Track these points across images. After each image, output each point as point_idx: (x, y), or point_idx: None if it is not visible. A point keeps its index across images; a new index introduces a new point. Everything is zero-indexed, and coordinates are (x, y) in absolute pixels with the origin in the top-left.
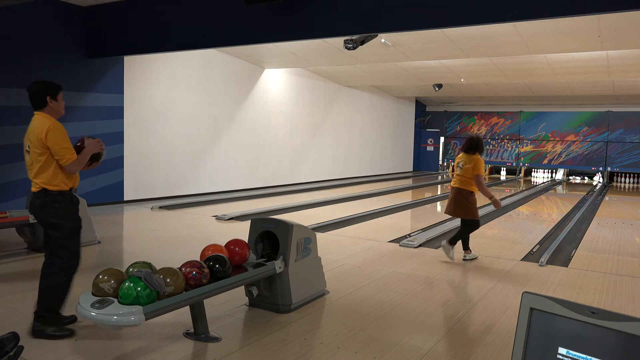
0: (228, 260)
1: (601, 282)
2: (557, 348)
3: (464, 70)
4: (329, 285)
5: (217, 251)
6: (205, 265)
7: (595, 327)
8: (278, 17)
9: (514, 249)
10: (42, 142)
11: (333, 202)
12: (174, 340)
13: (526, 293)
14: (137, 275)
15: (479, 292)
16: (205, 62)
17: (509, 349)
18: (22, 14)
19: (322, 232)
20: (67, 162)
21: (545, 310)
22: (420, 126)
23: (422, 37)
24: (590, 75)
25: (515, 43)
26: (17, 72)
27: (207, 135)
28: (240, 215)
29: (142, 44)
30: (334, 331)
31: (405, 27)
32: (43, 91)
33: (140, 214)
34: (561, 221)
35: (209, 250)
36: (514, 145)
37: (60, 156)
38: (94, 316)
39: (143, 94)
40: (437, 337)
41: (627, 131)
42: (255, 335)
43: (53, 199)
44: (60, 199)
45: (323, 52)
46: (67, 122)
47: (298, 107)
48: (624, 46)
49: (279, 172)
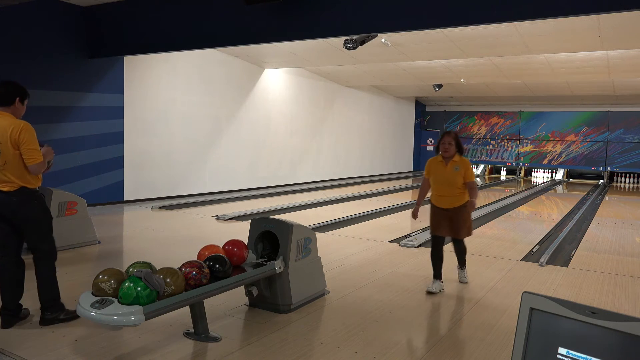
0: (228, 260)
1: (601, 282)
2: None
3: (464, 70)
4: (329, 285)
5: (214, 252)
6: (205, 265)
7: (595, 327)
8: (278, 17)
9: (514, 249)
10: (15, 140)
11: (333, 202)
12: (174, 340)
13: (526, 293)
14: (137, 275)
15: (479, 292)
16: (205, 62)
17: (509, 349)
18: (22, 14)
19: (322, 232)
20: (34, 162)
21: (545, 310)
22: (420, 126)
23: (422, 37)
24: (590, 75)
25: (515, 43)
26: (17, 72)
27: (207, 135)
28: (240, 215)
29: (142, 44)
30: (334, 331)
31: (405, 27)
32: (14, 91)
33: (140, 214)
34: (561, 221)
35: (206, 250)
36: (514, 145)
37: (29, 156)
38: (94, 316)
39: (143, 94)
40: (437, 337)
41: (627, 131)
42: (255, 335)
43: (32, 196)
44: (37, 195)
45: (323, 52)
46: (67, 122)
47: (298, 107)
48: (624, 46)
49: (279, 172)
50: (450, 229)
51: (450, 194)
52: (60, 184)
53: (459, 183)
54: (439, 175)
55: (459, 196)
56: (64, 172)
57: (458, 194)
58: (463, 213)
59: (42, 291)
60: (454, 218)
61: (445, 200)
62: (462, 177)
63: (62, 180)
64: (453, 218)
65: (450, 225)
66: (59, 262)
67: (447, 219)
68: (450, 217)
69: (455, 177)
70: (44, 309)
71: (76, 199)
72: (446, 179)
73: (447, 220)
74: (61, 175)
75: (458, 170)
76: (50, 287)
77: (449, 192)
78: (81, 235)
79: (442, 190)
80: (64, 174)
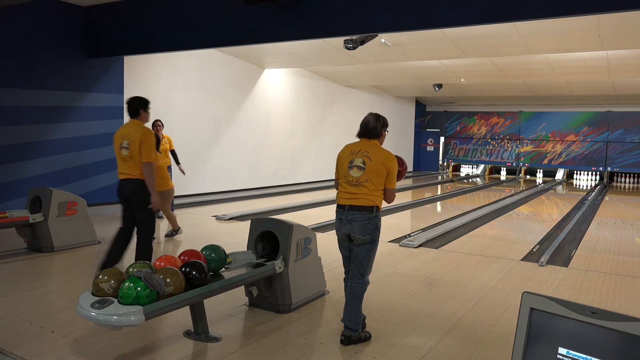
0: (206, 266)
1: (601, 282)
2: (557, 348)
3: (464, 70)
4: (329, 285)
5: (169, 263)
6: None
7: (595, 327)
8: (278, 17)
9: (514, 249)
10: (140, 142)
11: (333, 202)
12: (174, 340)
13: (526, 293)
14: (137, 275)
15: (479, 292)
16: (205, 62)
17: (509, 349)
18: (22, 13)
19: (322, 232)
20: (146, 160)
21: (545, 310)
22: (420, 126)
23: (422, 37)
24: (590, 75)
25: (515, 43)
26: (17, 72)
27: (207, 135)
28: (240, 215)
29: (142, 44)
30: (334, 331)
31: (405, 27)
32: (139, 105)
33: None
34: (561, 221)
35: (160, 261)
36: (514, 145)
37: (146, 154)
38: (94, 316)
39: (143, 94)
40: (437, 337)
41: (627, 131)
42: (255, 335)
43: (142, 184)
44: (144, 184)
45: (323, 52)
46: (67, 122)
47: (298, 107)
48: (624, 46)
49: (279, 172)
50: None
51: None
52: (60, 184)
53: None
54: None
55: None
56: (64, 172)
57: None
58: None
59: (139, 258)
60: None
61: None
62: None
63: (62, 180)
64: None
65: None
66: (59, 262)
67: None
68: None
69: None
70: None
71: (76, 199)
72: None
73: None
74: (61, 175)
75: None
76: (146, 255)
77: None
78: (81, 235)
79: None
80: (64, 174)
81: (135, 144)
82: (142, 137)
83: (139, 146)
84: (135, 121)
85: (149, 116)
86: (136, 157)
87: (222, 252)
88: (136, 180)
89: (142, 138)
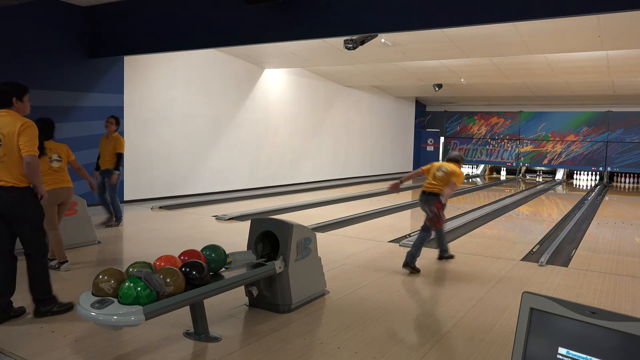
0: (206, 266)
1: (601, 282)
2: (557, 348)
3: (464, 70)
4: (329, 285)
5: (169, 263)
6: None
7: (595, 327)
8: (278, 17)
9: (514, 249)
10: (19, 135)
11: (333, 202)
12: (174, 340)
13: (526, 293)
14: (137, 275)
15: (479, 292)
16: (205, 62)
17: (509, 349)
18: (22, 13)
19: (322, 232)
20: (28, 153)
21: (545, 310)
22: (420, 126)
23: (422, 37)
24: (590, 75)
25: (515, 43)
26: (17, 72)
27: (207, 135)
28: (240, 215)
29: (143, 44)
30: (334, 331)
31: (405, 27)
32: (11, 92)
33: (140, 214)
34: (561, 221)
35: (160, 261)
36: (514, 145)
37: (26, 148)
38: (94, 316)
39: (143, 94)
40: (437, 337)
41: (627, 131)
42: (255, 335)
43: (24, 192)
44: (29, 192)
45: (323, 52)
46: (67, 122)
47: (298, 107)
48: (624, 46)
49: (279, 172)
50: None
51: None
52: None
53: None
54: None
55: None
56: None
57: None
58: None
59: (33, 285)
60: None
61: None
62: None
63: None
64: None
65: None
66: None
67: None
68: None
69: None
70: (37, 303)
71: (76, 199)
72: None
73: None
74: None
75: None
76: (42, 280)
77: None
78: (81, 235)
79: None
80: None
81: (11, 138)
82: (20, 128)
83: (17, 140)
84: (8, 111)
85: (27, 107)
86: (14, 157)
87: (222, 252)
88: (11, 188)
89: (19, 130)
